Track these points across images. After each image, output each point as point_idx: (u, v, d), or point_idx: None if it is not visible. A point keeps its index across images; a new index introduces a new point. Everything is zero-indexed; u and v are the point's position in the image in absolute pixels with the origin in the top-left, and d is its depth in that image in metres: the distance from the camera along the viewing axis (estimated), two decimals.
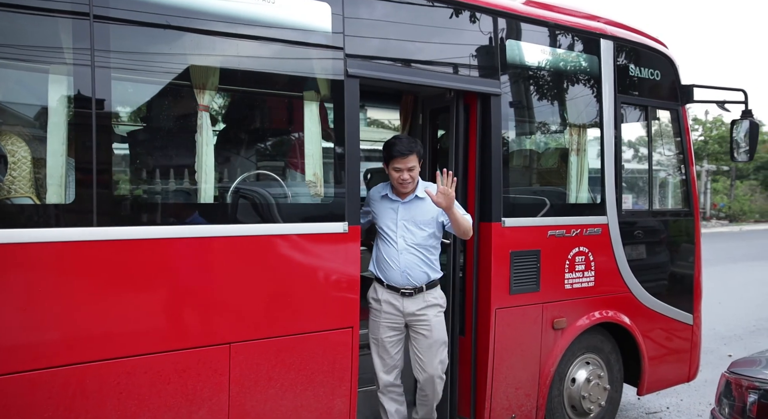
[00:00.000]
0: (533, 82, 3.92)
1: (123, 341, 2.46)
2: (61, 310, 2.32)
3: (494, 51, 3.63)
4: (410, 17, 3.37)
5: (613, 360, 4.33)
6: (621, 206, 4.18)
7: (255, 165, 3.23)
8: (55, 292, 2.31)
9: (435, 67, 3.46)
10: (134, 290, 2.50)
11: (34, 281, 2.27)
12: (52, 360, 2.31)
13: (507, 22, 3.68)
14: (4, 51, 2.32)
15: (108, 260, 2.42)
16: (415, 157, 3.27)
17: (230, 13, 2.73)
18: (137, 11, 2.48)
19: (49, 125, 2.33)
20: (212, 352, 2.68)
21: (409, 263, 3.30)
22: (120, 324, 2.46)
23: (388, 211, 3.36)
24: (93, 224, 2.37)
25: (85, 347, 2.38)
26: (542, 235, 3.82)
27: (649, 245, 4.45)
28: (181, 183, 2.76)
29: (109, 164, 2.45)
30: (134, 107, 3.19)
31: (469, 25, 3.55)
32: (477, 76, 3.61)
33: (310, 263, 2.96)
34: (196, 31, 2.68)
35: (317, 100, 3.02)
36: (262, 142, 3.41)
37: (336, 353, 3.04)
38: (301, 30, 2.93)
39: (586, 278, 4.03)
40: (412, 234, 3.31)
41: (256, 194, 2.97)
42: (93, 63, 2.35)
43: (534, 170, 4.23)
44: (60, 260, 2.32)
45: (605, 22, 4.27)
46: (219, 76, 2.77)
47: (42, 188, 2.34)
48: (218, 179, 2.83)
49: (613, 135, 4.13)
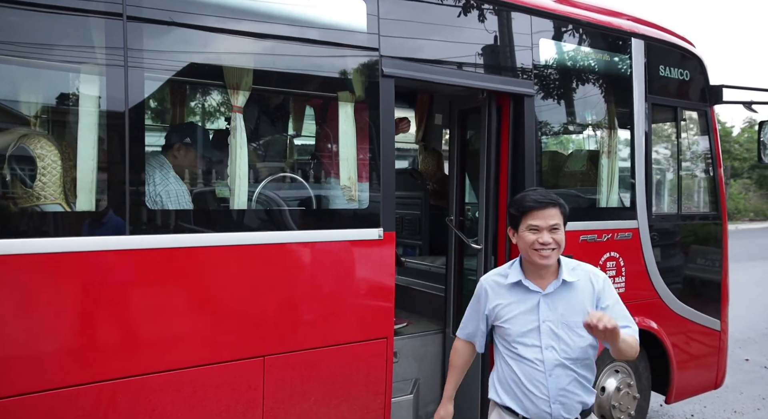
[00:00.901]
0: (565, 82, 3.81)
1: (153, 355, 2.34)
2: (88, 324, 2.19)
3: (528, 50, 3.51)
4: (443, 17, 3.25)
5: (641, 368, 4.23)
6: (651, 210, 4.08)
7: (285, 169, 3.10)
8: (82, 305, 2.18)
9: (468, 67, 3.34)
10: (164, 302, 2.37)
11: (57, 292, 2.14)
12: (81, 376, 2.18)
13: (540, 20, 3.56)
14: (31, 50, 2.18)
15: (137, 269, 2.29)
16: (558, 212, 2.21)
17: (261, 11, 2.61)
18: (170, 10, 2.35)
19: (80, 128, 2.19)
20: (246, 366, 2.55)
21: (561, 388, 2.17)
22: (149, 337, 2.33)
23: (523, 309, 2.22)
24: (126, 233, 2.24)
25: (117, 362, 2.25)
26: (574, 240, 3.71)
27: (678, 250, 4.35)
28: (213, 188, 2.63)
29: (141, 169, 2.32)
30: (166, 108, 3.05)
31: (502, 24, 3.43)
32: (510, 77, 3.49)
33: (343, 271, 2.84)
34: (226, 32, 2.55)
35: (352, 101, 2.90)
36: (293, 144, 3.29)
37: (370, 364, 2.93)
38: (336, 30, 2.81)
39: (617, 284, 3.93)
40: (566, 344, 2.18)
41: (286, 199, 2.85)
42: (126, 63, 2.21)
43: (566, 173, 4.12)
44: (90, 270, 2.19)
45: (631, 19, 4.16)
46: (252, 77, 2.64)
47: (72, 195, 2.21)
48: (249, 184, 2.70)
49: (643, 137, 4.03)
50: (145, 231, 2.29)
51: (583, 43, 3.81)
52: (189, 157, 2.78)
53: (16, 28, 2.12)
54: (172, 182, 2.54)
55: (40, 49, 2.21)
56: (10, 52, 2.15)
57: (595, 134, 4.02)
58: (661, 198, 4.75)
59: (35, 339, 2.09)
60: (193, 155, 2.81)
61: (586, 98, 3.94)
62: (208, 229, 2.53)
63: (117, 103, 2.21)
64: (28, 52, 2.19)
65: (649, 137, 4.07)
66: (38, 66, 2.29)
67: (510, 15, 3.44)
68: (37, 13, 2.11)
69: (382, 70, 2.89)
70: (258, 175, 2.90)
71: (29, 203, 2.14)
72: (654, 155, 4.31)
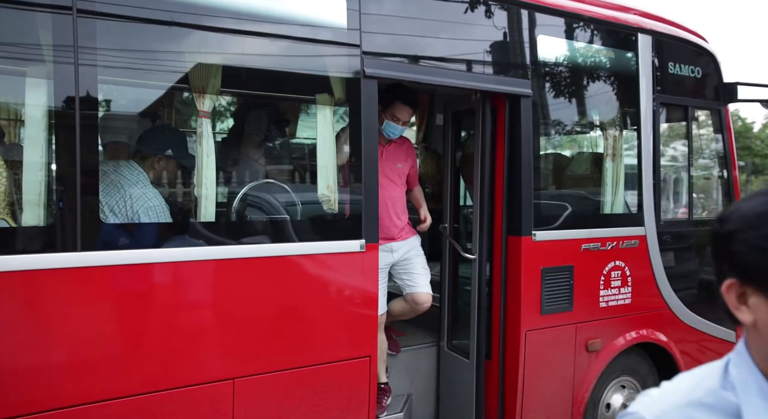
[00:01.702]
0: (566, 81, 3.59)
1: (109, 379, 2.17)
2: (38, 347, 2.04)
3: (524, 48, 3.30)
4: (432, 12, 3.05)
5: (650, 383, 3.98)
6: (660, 216, 3.84)
7: (260, 177, 2.92)
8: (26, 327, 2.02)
9: (459, 66, 3.13)
10: (123, 321, 2.20)
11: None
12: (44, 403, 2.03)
13: (537, 15, 3.34)
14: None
15: (95, 286, 2.13)
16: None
17: (228, 5, 2.42)
18: (130, 6, 2.17)
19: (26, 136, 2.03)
20: (214, 389, 2.38)
21: None
22: (102, 362, 2.16)
23: None
24: (77, 249, 2.08)
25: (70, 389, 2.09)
26: (576, 249, 3.50)
27: (690, 258, 4.10)
28: (180, 198, 2.45)
29: (95, 178, 2.15)
30: (124, 110, 2.88)
31: (496, 20, 3.21)
32: (505, 76, 3.28)
33: (321, 286, 2.65)
34: (191, 27, 2.37)
35: (330, 103, 2.71)
36: (269, 151, 3.10)
37: (352, 385, 2.74)
38: (313, 26, 2.62)
39: (623, 295, 3.70)
40: None
41: (261, 209, 2.67)
42: (76, 61, 2.04)
43: (566, 178, 3.90)
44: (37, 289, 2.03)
45: (638, 13, 3.91)
46: (221, 78, 2.46)
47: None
48: (219, 194, 2.52)
49: (651, 138, 3.79)
50: (99, 247, 2.12)
51: (586, 39, 3.58)
52: (167, 167, 2.63)
53: None
54: (140, 190, 2.38)
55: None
56: None
57: (599, 136, 3.78)
58: (670, 203, 4.50)
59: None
60: (166, 164, 2.64)
61: (588, 98, 3.71)
62: (169, 243, 2.35)
63: (68, 106, 2.04)
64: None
65: (657, 138, 3.82)
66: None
67: (505, 9, 3.23)
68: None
69: (364, 71, 2.70)
70: (228, 184, 2.72)
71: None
72: (663, 156, 4.06)
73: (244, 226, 2.66)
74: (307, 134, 3.02)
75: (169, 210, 2.44)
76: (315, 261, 2.63)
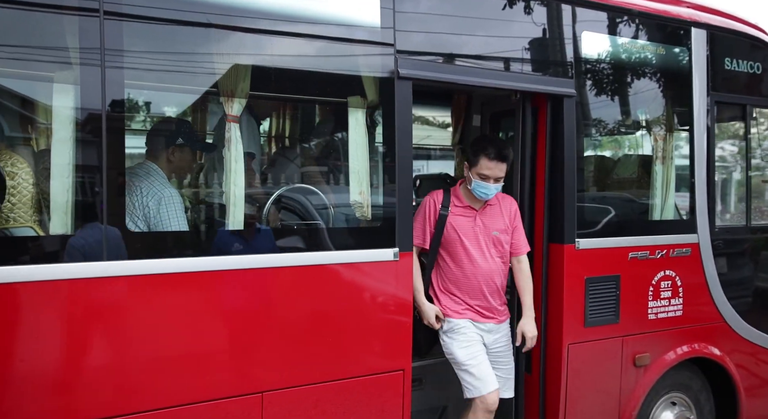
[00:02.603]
0: (612, 79, 3.39)
1: (130, 393, 2.12)
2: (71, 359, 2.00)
3: (567, 45, 3.12)
4: (469, 8, 2.90)
5: (703, 399, 3.74)
6: (714, 223, 3.60)
7: (289, 183, 2.83)
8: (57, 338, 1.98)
9: (499, 65, 2.99)
10: (146, 333, 2.14)
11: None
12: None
13: (583, 10, 3.16)
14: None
15: (116, 297, 2.08)
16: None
17: (261, 8, 2.34)
18: (152, 6, 2.11)
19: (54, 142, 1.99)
20: (241, 404, 2.30)
21: None
22: (129, 373, 2.11)
23: None
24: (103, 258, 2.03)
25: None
26: (622, 258, 3.29)
27: (747, 267, 3.83)
28: (207, 206, 2.39)
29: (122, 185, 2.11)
30: (151, 115, 2.84)
31: (538, 16, 3.05)
32: (547, 75, 3.11)
33: (352, 297, 2.55)
34: (220, 28, 2.29)
35: (363, 106, 2.60)
36: (299, 156, 3.02)
37: (384, 400, 2.62)
38: (346, 25, 2.52)
39: (673, 306, 3.48)
40: None
41: (291, 217, 2.58)
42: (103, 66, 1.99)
43: (612, 182, 3.69)
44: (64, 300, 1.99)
45: (691, 6, 3.67)
46: (249, 81, 2.38)
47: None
48: (248, 200, 2.44)
49: (705, 139, 3.55)
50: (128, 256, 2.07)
51: (634, 34, 3.37)
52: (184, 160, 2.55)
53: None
54: (165, 195, 2.32)
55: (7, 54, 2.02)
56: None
57: (648, 137, 3.57)
58: (726, 208, 4.22)
59: None
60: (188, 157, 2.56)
61: (636, 97, 3.49)
62: (196, 253, 2.29)
63: (94, 111, 1.99)
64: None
65: (711, 139, 3.58)
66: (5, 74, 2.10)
67: (547, 5, 3.06)
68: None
69: (398, 72, 2.58)
70: (256, 190, 2.65)
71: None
72: (718, 159, 3.81)
73: (274, 234, 2.58)
74: (339, 138, 2.92)
75: (195, 218, 2.38)
76: (346, 270, 2.53)
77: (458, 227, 2.87)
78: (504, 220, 2.95)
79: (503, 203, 2.99)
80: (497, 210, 2.95)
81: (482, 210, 2.93)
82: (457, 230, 2.87)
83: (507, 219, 2.96)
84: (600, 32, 3.25)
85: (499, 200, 2.98)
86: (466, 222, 2.88)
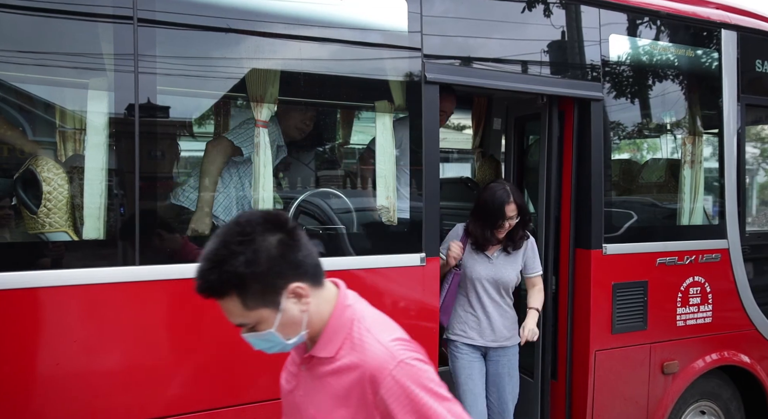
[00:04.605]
0: (640, 83, 3.34)
1: (158, 398, 2.13)
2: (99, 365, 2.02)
3: (595, 48, 3.08)
4: (495, 12, 2.89)
5: (733, 409, 3.67)
6: (744, 227, 3.52)
7: (316, 188, 2.83)
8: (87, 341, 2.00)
9: (525, 69, 2.96)
10: (179, 338, 2.16)
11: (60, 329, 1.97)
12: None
13: (611, 13, 3.12)
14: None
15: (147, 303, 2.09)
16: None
17: (289, 13, 2.35)
18: (184, 13, 2.14)
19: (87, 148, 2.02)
20: (262, 409, 2.30)
21: None
22: (151, 380, 2.13)
23: None
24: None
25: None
26: (650, 263, 3.24)
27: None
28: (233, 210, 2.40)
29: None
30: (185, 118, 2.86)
31: (565, 19, 3.02)
32: (575, 79, 3.07)
33: (379, 303, 2.50)
34: (248, 34, 2.30)
35: (390, 111, 2.60)
36: (324, 161, 3.02)
37: None
38: (373, 30, 2.52)
39: (702, 313, 3.41)
40: None
41: (316, 221, 2.58)
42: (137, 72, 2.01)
43: (640, 187, 3.63)
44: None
45: (721, 7, 3.60)
46: (278, 86, 2.39)
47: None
48: (277, 204, 2.45)
49: (735, 143, 3.48)
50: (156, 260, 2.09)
51: (662, 37, 3.32)
52: None
53: (15, 36, 1.97)
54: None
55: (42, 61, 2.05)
56: (10, 67, 2.01)
57: (676, 141, 3.51)
58: (757, 213, 4.14)
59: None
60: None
61: (665, 101, 3.44)
62: None
63: (128, 116, 2.02)
64: (28, 65, 2.04)
65: (741, 143, 3.52)
66: (39, 81, 2.14)
67: (574, 8, 3.03)
68: (34, 25, 1.95)
69: (425, 76, 2.57)
70: (285, 195, 2.65)
71: (34, 231, 1.99)
72: (748, 163, 3.74)
73: None
74: (365, 143, 2.92)
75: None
76: (373, 275, 2.52)
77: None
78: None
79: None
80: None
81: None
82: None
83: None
84: (628, 35, 3.21)
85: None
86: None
